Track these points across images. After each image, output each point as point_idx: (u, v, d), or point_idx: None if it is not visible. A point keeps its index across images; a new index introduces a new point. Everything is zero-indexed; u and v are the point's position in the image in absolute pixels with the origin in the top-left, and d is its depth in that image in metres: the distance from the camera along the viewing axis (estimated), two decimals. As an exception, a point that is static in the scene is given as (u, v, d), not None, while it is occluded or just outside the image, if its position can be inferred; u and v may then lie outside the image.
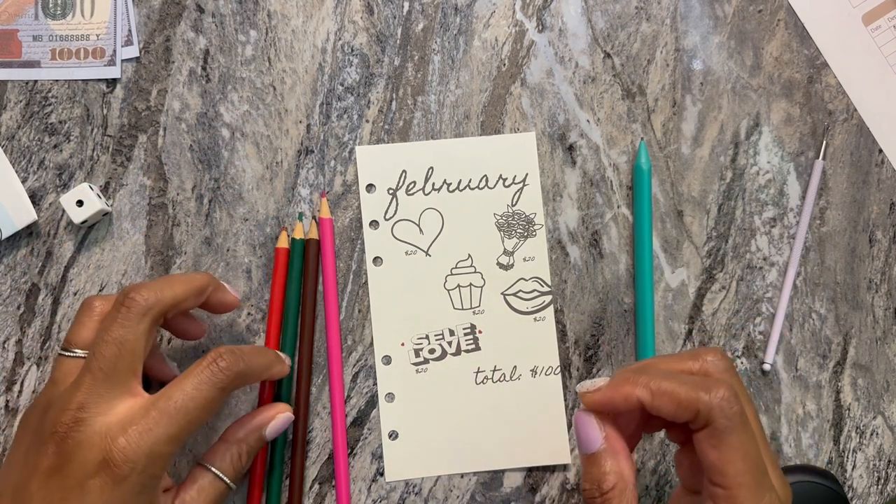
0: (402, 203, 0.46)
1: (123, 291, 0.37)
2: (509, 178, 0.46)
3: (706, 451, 0.33)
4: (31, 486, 0.34)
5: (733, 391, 0.33)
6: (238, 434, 0.41)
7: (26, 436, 0.36)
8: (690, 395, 0.33)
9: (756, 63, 0.48)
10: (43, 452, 0.35)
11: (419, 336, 0.46)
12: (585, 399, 0.36)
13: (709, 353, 0.36)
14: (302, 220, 0.45)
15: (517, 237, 0.46)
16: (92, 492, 0.34)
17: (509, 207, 0.46)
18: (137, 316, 0.37)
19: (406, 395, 0.45)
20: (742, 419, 0.33)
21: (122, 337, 0.36)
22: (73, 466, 0.34)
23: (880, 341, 0.48)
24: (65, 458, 0.34)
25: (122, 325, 0.36)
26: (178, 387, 0.36)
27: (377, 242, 0.46)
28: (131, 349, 0.36)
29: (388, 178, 0.46)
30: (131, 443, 0.34)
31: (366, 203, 0.46)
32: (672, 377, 0.34)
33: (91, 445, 0.34)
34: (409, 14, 0.47)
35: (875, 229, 0.48)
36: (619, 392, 0.34)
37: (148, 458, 0.35)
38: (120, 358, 0.36)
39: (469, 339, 0.46)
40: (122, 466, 0.34)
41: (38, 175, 0.45)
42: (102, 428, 0.35)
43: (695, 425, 0.33)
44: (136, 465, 0.34)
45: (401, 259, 0.46)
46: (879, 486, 0.47)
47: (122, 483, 0.34)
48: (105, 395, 0.35)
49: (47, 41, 0.45)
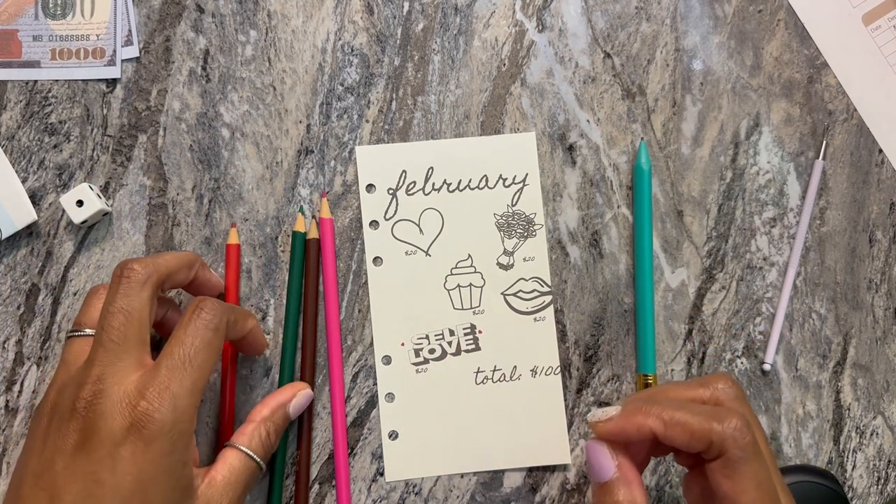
0: (402, 203, 0.46)
1: (120, 265, 0.37)
2: (509, 178, 0.46)
3: (720, 480, 0.33)
4: (55, 467, 0.34)
5: (745, 420, 0.34)
6: (263, 413, 0.41)
7: (42, 421, 0.36)
8: (703, 426, 0.33)
9: (756, 63, 0.48)
10: (65, 431, 0.34)
11: (419, 336, 0.46)
12: (597, 429, 0.36)
13: (719, 381, 0.36)
14: (303, 213, 0.45)
15: (517, 237, 0.46)
16: (123, 459, 0.33)
17: (509, 207, 0.46)
18: (139, 284, 0.37)
19: (406, 395, 0.45)
20: (755, 449, 0.33)
21: (128, 305, 0.36)
22: (100, 438, 0.34)
23: (880, 341, 0.48)
24: (89, 431, 0.34)
25: (125, 295, 0.36)
26: (176, 342, 0.36)
27: (377, 242, 0.46)
28: (138, 317, 0.36)
29: (388, 178, 0.46)
30: (153, 402, 0.34)
31: (366, 203, 0.46)
32: (684, 407, 0.34)
33: (114, 414, 0.34)
34: (409, 14, 0.47)
35: (875, 229, 0.48)
36: (632, 422, 0.35)
37: (173, 415, 0.34)
38: (128, 326, 0.36)
39: (469, 339, 0.46)
40: (150, 427, 0.34)
41: (38, 175, 0.45)
42: (122, 395, 0.34)
43: (708, 455, 0.34)
44: (163, 424, 0.34)
45: (401, 259, 0.46)
46: (879, 486, 0.47)
47: (153, 444, 0.34)
48: (119, 364, 0.35)
49: (47, 41, 0.45)
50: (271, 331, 0.45)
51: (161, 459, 0.34)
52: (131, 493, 0.33)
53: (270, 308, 0.45)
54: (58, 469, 0.34)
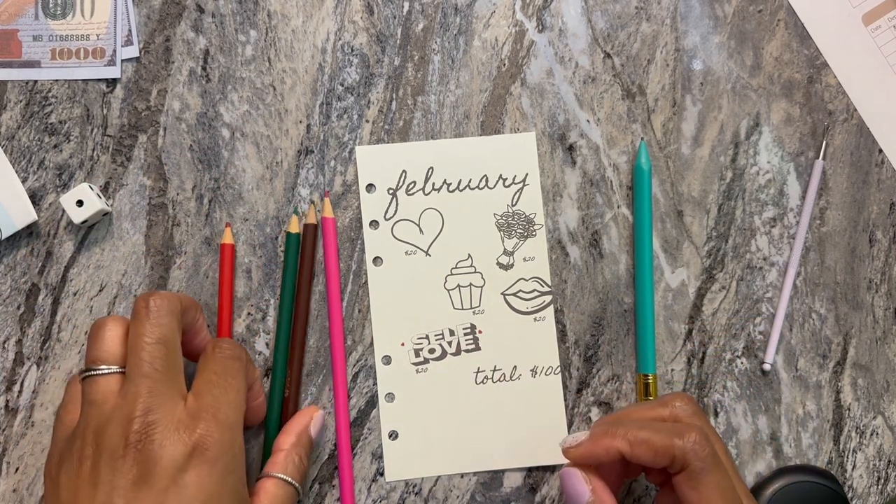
0: (402, 203, 0.46)
1: (143, 297, 0.37)
2: (509, 178, 0.46)
3: (686, 492, 0.36)
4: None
5: (703, 434, 0.36)
6: (290, 440, 0.42)
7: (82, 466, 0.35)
8: (665, 442, 0.36)
9: (756, 63, 0.48)
10: (119, 469, 0.34)
11: (419, 336, 0.46)
12: (568, 454, 0.38)
13: (676, 399, 0.39)
14: (297, 214, 0.45)
15: (517, 237, 0.46)
16: (190, 484, 0.34)
17: (509, 207, 0.46)
18: (168, 314, 0.37)
19: (406, 395, 0.45)
20: (715, 459, 0.36)
21: (164, 336, 0.36)
22: (162, 467, 0.33)
23: (880, 341, 0.48)
24: (149, 464, 0.33)
25: (158, 325, 0.36)
26: (208, 370, 0.37)
27: (377, 242, 0.46)
28: (174, 348, 0.37)
29: (388, 178, 0.46)
30: (210, 425, 0.35)
31: (366, 203, 0.46)
32: (647, 426, 0.37)
33: (173, 442, 0.34)
34: (409, 14, 0.47)
35: (875, 229, 0.48)
36: (600, 445, 0.37)
37: (230, 434, 0.35)
38: (168, 356, 0.36)
39: (469, 339, 0.46)
40: (212, 448, 0.34)
41: (38, 175, 0.45)
42: (177, 423, 0.34)
43: (672, 469, 0.36)
44: (223, 445, 0.35)
45: (401, 259, 0.46)
46: (879, 486, 0.47)
47: (216, 465, 0.34)
48: (166, 394, 0.35)
49: (47, 41, 0.45)
50: (272, 330, 0.45)
51: (225, 479, 0.35)
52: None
53: (270, 308, 0.45)
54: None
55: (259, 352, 0.45)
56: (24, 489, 0.44)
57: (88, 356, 0.37)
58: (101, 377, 0.37)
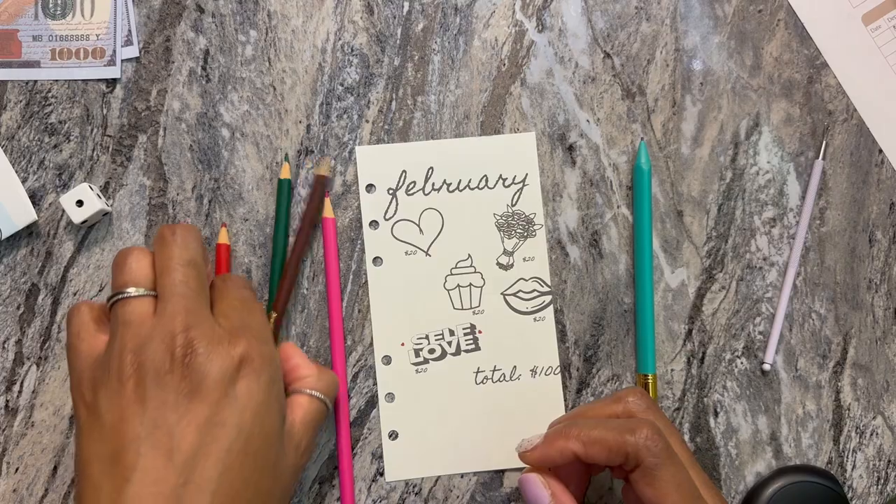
0: (402, 203, 0.46)
1: (168, 226, 0.37)
2: (509, 178, 0.46)
3: (642, 489, 0.36)
4: (167, 422, 0.33)
5: (656, 428, 0.36)
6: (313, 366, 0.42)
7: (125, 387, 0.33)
8: (618, 440, 0.36)
9: (756, 63, 0.48)
10: (168, 384, 0.33)
11: (419, 336, 0.46)
12: (524, 458, 0.39)
13: (629, 395, 0.39)
14: (288, 160, 0.45)
15: (517, 237, 0.46)
16: (240, 396, 0.34)
17: (509, 207, 0.46)
18: (194, 240, 0.37)
19: (406, 395, 0.45)
20: (668, 453, 0.36)
21: (194, 258, 0.36)
22: (212, 380, 0.33)
23: (880, 341, 0.48)
24: (198, 377, 0.33)
25: (186, 248, 0.36)
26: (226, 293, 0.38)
27: (377, 242, 0.46)
28: (203, 271, 0.37)
29: (387, 178, 0.46)
30: (251, 339, 0.35)
31: (366, 203, 0.46)
32: (599, 425, 0.37)
33: (218, 356, 0.34)
34: (409, 14, 0.47)
35: (875, 229, 0.48)
36: (554, 447, 0.37)
37: (269, 347, 0.36)
38: (199, 276, 0.36)
39: (469, 339, 0.46)
40: (257, 360, 0.35)
41: (38, 175, 0.45)
42: (219, 338, 0.35)
43: (627, 466, 0.36)
44: (264, 356, 0.35)
45: (401, 259, 0.46)
46: (879, 486, 0.47)
47: (262, 376, 0.35)
48: (202, 311, 0.35)
49: (47, 41, 0.45)
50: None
51: (271, 388, 0.35)
52: (251, 426, 0.34)
53: (270, 309, 0.45)
54: (171, 423, 0.33)
55: (259, 352, 0.45)
56: (24, 489, 0.44)
57: (116, 282, 0.36)
58: (133, 299, 0.35)
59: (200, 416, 0.33)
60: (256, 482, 0.34)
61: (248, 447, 0.34)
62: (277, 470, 0.36)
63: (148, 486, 0.32)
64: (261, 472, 0.34)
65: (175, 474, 0.32)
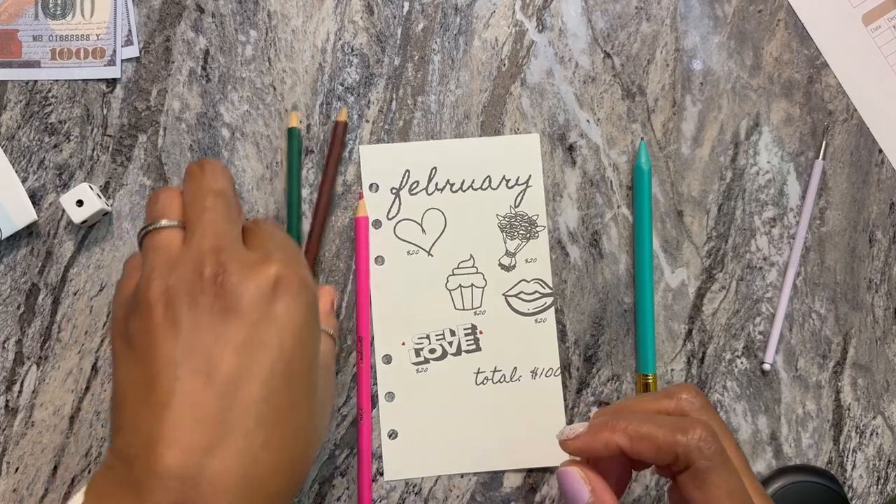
0: (405, 203, 0.46)
1: (193, 163, 0.36)
2: (512, 179, 0.46)
3: (690, 492, 0.34)
4: (203, 343, 0.31)
5: (710, 430, 0.34)
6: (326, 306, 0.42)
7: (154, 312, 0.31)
8: (668, 439, 0.34)
9: (756, 63, 0.48)
10: (200, 305, 0.31)
11: (420, 336, 0.46)
12: (565, 447, 0.36)
13: (683, 391, 0.37)
14: (297, 108, 0.45)
15: (519, 238, 0.46)
16: (280, 316, 0.31)
17: (512, 209, 0.46)
18: (222, 172, 0.35)
19: (406, 395, 0.45)
20: (722, 457, 0.34)
21: (223, 189, 0.35)
22: (249, 300, 0.31)
23: (880, 341, 0.48)
24: (233, 297, 0.31)
25: (216, 180, 0.35)
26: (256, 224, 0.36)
27: (379, 242, 0.46)
28: (234, 201, 0.35)
29: (391, 178, 0.46)
30: (285, 262, 0.32)
31: (369, 202, 0.46)
32: (649, 420, 0.35)
33: (253, 275, 0.31)
34: (409, 14, 0.47)
35: (875, 229, 0.48)
36: (598, 439, 0.35)
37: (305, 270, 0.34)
38: (230, 207, 0.34)
39: (470, 340, 0.46)
40: (294, 281, 0.32)
41: (38, 175, 0.45)
42: (251, 262, 0.32)
43: (676, 467, 0.34)
44: (301, 278, 0.33)
45: (403, 259, 0.46)
46: (879, 486, 0.47)
47: (300, 297, 0.32)
48: (232, 236, 0.33)
49: (47, 41, 0.45)
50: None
51: (309, 311, 0.33)
52: (293, 348, 0.31)
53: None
54: (207, 344, 0.30)
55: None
56: (25, 489, 0.44)
57: (148, 216, 0.35)
58: (162, 229, 0.34)
59: (238, 336, 0.31)
60: (301, 406, 0.32)
61: (291, 369, 0.31)
62: (319, 397, 0.34)
63: (187, 410, 0.30)
64: (305, 397, 0.32)
65: (216, 398, 0.30)
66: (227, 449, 0.29)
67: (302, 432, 0.32)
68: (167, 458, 0.29)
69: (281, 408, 0.31)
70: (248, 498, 0.29)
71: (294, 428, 0.32)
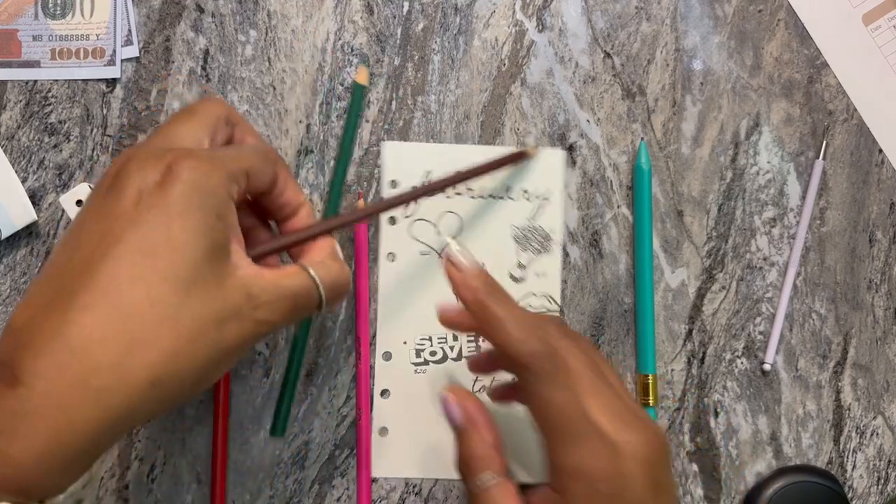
0: (423, 202, 0.46)
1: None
2: (532, 192, 0.46)
3: (525, 398, 0.35)
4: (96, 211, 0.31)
5: (557, 333, 0.35)
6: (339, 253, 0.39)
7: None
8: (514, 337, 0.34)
9: (756, 63, 0.48)
10: (101, 186, 0.32)
11: (422, 337, 0.46)
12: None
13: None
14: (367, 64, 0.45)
15: (532, 251, 0.46)
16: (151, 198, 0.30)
17: (528, 221, 0.46)
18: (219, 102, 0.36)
19: (402, 394, 0.45)
20: (554, 364, 0.34)
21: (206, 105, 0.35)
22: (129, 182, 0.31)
23: (880, 341, 0.48)
24: (120, 182, 0.31)
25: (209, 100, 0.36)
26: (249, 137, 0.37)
27: (393, 239, 0.46)
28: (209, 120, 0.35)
29: (412, 176, 0.46)
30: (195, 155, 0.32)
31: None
32: (513, 315, 0.35)
33: (148, 164, 0.31)
34: (409, 14, 0.47)
35: (875, 229, 0.48)
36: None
37: (216, 163, 0.32)
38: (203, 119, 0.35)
39: (472, 347, 0.46)
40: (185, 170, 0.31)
41: (38, 175, 0.45)
42: (162, 152, 0.32)
43: (512, 370, 0.35)
44: (196, 168, 0.31)
45: (415, 258, 0.46)
46: (879, 486, 0.47)
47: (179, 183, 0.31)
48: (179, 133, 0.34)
49: (47, 41, 0.45)
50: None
51: (188, 198, 0.31)
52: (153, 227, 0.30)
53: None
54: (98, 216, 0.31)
55: (259, 352, 0.45)
56: (24, 489, 0.44)
57: None
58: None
59: (108, 212, 0.30)
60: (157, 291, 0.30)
61: (144, 247, 0.30)
62: (197, 293, 0.31)
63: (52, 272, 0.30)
64: (165, 283, 0.30)
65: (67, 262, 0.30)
66: (63, 311, 0.29)
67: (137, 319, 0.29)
68: (16, 316, 0.30)
69: (122, 279, 0.29)
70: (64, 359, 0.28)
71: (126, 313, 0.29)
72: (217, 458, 0.44)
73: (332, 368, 0.45)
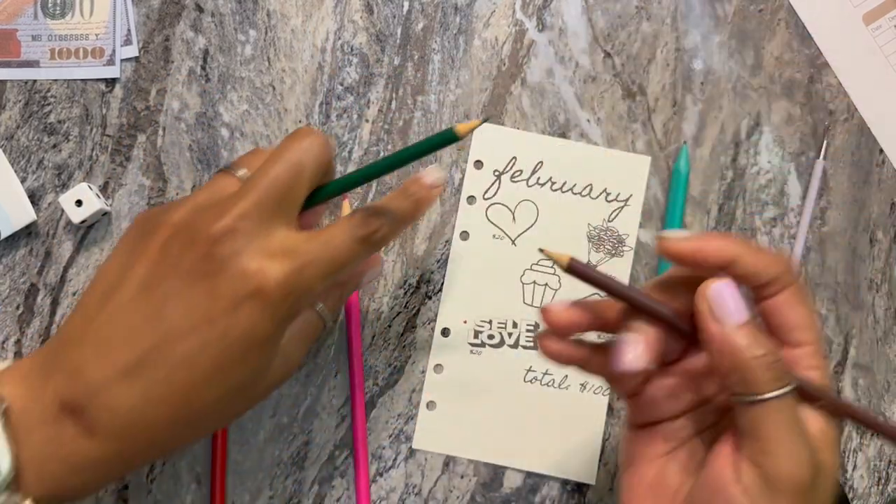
0: (503, 187, 0.46)
1: (301, 129, 0.34)
2: (613, 193, 0.46)
3: (790, 309, 0.31)
4: (166, 280, 0.31)
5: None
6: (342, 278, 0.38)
7: (160, 232, 0.32)
8: (772, 257, 0.32)
9: (757, 63, 0.48)
10: (189, 250, 0.31)
11: (483, 319, 0.46)
12: (667, 247, 0.32)
13: None
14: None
15: (604, 253, 0.46)
16: (242, 313, 0.31)
17: (605, 222, 0.46)
18: (322, 146, 0.34)
19: (454, 371, 0.45)
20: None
21: (302, 162, 0.33)
22: (226, 278, 0.30)
23: (881, 341, 0.48)
24: (216, 264, 0.30)
25: (304, 151, 0.33)
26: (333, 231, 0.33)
27: (469, 218, 0.46)
28: (307, 179, 0.33)
29: (497, 160, 0.46)
30: (289, 274, 0.31)
31: (469, 178, 0.46)
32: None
33: (249, 261, 0.31)
34: (409, 13, 0.47)
35: (876, 229, 0.48)
36: (711, 244, 0.31)
37: (303, 294, 0.32)
38: (294, 183, 0.32)
39: (529, 336, 0.46)
40: (276, 293, 0.31)
41: (37, 175, 0.45)
42: (261, 248, 0.31)
43: (776, 286, 0.32)
44: (289, 297, 0.31)
45: (487, 240, 0.46)
46: (880, 486, 0.47)
47: (274, 311, 0.31)
48: (267, 215, 0.32)
49: (46, 41, 0.45)
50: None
51: (272, 325, 0.32)
52: (232, 350, 0.31)
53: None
54: (166, 284, 0.31)
55: (259, 352, 0.45)
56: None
57: (235, 161, 0.35)
58: (229, 175, 0.34)
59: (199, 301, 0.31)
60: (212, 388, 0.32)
61: (221, 361, 0.31)
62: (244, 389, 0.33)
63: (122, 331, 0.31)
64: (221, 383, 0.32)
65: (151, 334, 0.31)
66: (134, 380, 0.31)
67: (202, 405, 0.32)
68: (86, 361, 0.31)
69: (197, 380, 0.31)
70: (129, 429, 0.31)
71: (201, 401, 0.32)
72: (217, 459, 0.44)
73: (332, 368, 0.45)
